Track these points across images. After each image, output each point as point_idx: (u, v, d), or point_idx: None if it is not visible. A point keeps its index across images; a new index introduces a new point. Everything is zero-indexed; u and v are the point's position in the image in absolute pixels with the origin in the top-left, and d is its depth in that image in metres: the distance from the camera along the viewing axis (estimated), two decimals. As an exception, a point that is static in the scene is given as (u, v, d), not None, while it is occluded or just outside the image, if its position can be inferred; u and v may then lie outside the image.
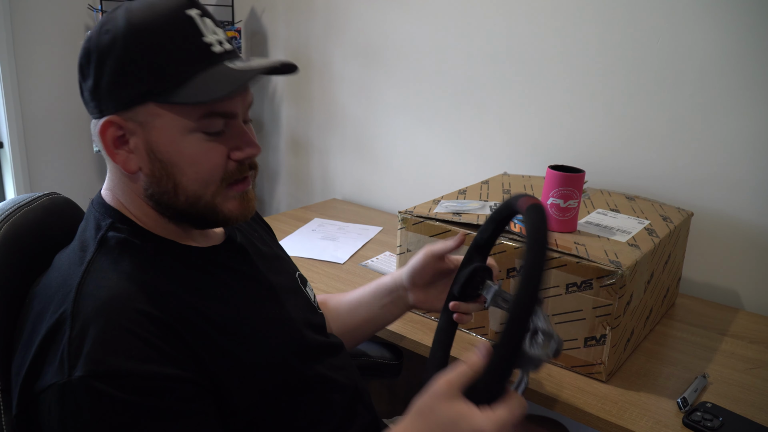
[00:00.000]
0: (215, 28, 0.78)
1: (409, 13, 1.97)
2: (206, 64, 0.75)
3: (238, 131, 0.79)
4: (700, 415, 1.02)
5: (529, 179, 1.61)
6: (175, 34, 0.74)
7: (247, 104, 0.81)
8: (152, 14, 0.74)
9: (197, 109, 0.75)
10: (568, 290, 1.12)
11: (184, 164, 0.76)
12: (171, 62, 0.73)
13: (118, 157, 0.78)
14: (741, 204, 1.47)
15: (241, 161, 0.80)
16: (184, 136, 0.76)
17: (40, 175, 2.54)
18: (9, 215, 0.88)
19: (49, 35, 2.46)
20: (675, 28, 1.49)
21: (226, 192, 0.80)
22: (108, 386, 0.65)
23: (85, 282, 0.72)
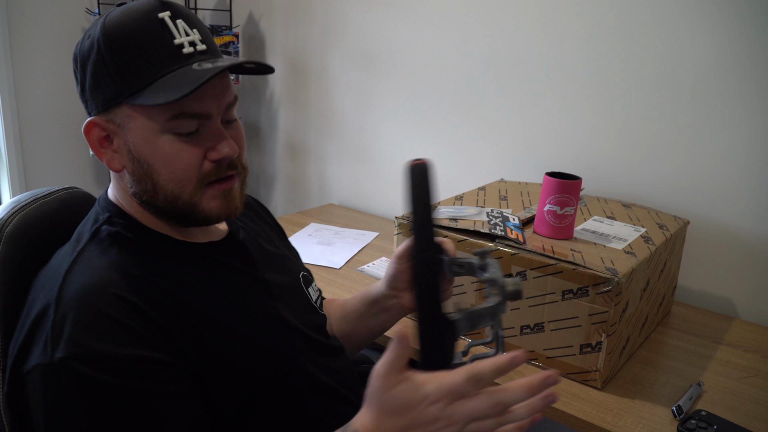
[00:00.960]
0: (189, 30, 0.79)
1: (407, 20, 1.97)
2: (175, 65, 0.76)
3: (214, 132, 0.80)
4: (694, 423, 1.02)
5: (526, 186, 1.61)
6: (144, 37, 0.76)
7: (224, 104, 0.81)
8: (125, 19, 0.76)
9: (165, 111, 0.76)
10: (564, 297, 1.12)
11: (158, 165, 0.78)
12: (140, 64, 0.75)
13: (104, 156, 0.81)
14: (737, 213, 1.48)
15: (218, 161, 0.80)
16: (157, 137, 0.77)
17: (36, 177, 2.54)
18: (24, 206, 0.92)
19: (46, 38, 2.46)
20: (672, 36, 1.49)
21: (204, 191, 0.81)
22: (87, 368, 0.67)
23: (72, 270, 0.76)
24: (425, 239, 0.67)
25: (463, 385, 0.62)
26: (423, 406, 0.62)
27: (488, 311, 0.70)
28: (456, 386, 0.62)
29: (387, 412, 0.64)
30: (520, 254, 1.16)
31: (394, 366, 0.64)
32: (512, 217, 1.31)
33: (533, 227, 1.27)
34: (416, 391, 0.63)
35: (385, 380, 0.64)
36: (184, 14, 0.79)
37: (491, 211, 1.34)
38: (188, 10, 0.81)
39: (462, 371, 0.63)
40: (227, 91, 0.81)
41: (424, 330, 0.66)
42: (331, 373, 0.92)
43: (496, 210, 1.35)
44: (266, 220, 1.10)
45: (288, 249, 1.07)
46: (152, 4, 0.78)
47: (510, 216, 1.31)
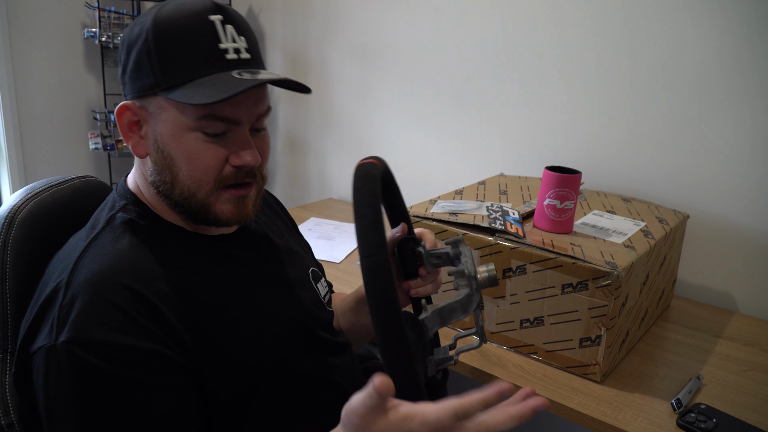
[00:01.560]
0: (237, 36, 0.80)
1: (407, 14, 1.97)
2: (216, 68, 0.77)
3: (240, 138, 0.80)
4: (694, 416, 1.02)
5: (526, 180, 1.61)
6: (191, 36, 0.77)
7: (256, 114, 0.81)
8: (177, 14, 0.78)
9: (197, 110, 0.77)
10: (563, 291, 1.12)
11: (181, 160, 0.79)
12: (182, 61, 0.77)
13: (131, 140, 0.83)
14: (737, 207, 1.48)
15: (239, 167, 0.81)
16: (185, 132, 0.78)
17: (37, 173, 2.54)
18: (38, 193, 0.95)
19: (46, 33, 2.46)
20: (672, 30, 1.49)
21: (220, 194, 0.81)
22: (86, 353, 0.69)
23: (84, 256, 0.77)
24: (368, 244, 0.64)
25: (449, 421, 0.60)
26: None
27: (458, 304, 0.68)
28: (441, 423, 0.60)
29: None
30: (519, 248, 1.16)
31: (375, 409, 0.61)
32: (512, 211, 1.31)
33: (533, 221, 1.27)
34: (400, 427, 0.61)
35: (363, 420, 0.62)
36: (236, 20, 0.80)
37: (491, 205, 1.34)
38: (241, 18, 0.82)
39: (448, 406, 0.60)
40: (261, 102, 0.82)
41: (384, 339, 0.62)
42: (334, 370, 0.92)
43: (496, 204, 1.35)
44: (279, 214, 1.10)
45: (299, 244, 1.08)
46: (206, 5, 0.78)
47: (510, 210, 1.31)
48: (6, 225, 0.90)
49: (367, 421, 0.62)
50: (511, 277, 1.18)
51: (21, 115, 2.45)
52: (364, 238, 0.64)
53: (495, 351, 1.23)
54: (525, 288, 1.17)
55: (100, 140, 2.55)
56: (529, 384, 1.12)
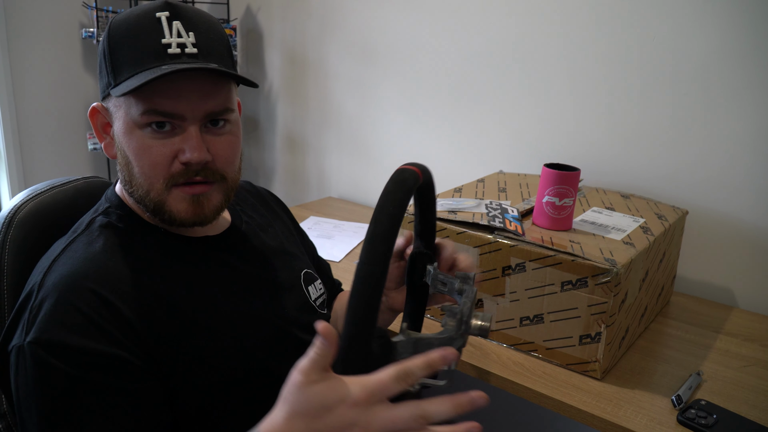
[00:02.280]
0: (185, 32, 0.80)
1: (406, 11, 1.97)
2: (157, 62, 0.78)
3: (186, 134, 0.80)
4: (694, 412, 1.02)
5: (525, 177, 1.61)
6: (137, 33, 0.79)
7: (203, 110, 0.80)
8: (129, 15, 0.81)
9: (138, 105, 0.78)
10: (563, 288, 1.12)
11: (132, 157, 0.81)
12: (128, 58, 0.79)
13: (103, 141, 0.86)
14: (736, 202, 1.48)
15: (185, 164, 0.80)
16: (134, 129, 0.80)
17: (35, 174, 2.54)
18: (39, 194, 0.97)
19: (43, 33, 2.45)
20: (670, 26, 1.49)
21: (172, 191, 0.81)
22: (48, 354, 0.71)
23: (59, 259, 0.80)
24: (372, 252, 0.62)
25: (390, 382, 0.58)
26: (342, 408, 0.58)
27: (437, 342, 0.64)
28: (382, 384, 0.58)
29: (300, 412, 0.59)
30: (519, 246, 1.16)
31: (317, 365, 0.59)
32: (511, 208, 1.31)
33: (532, 219, 1.27)
34: (336, 390, 0.58)
35: (304, 376, 0.59)
36: (186, 17, 0.80)
37: (490, 203, 1.34)
38: (197, 14, 0.82)
39: (389, 369, 0.59)
40: (209, 99, 0.80)
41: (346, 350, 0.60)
42: None
43: (495, 202, 1.35)
44: (278, 215, 1.09)
45: (295, 245, 1.07)
46: (156, 4, 0.81)
47: (509, 208, 1.31)
48: (5, 225, 0.92)
49: (308, 378, 0.59)
50: (511, 274, 1.18)
51: (19, 116, 2.45)
52: (370, 245, 0.62)
53: (495, 349, 1.23)
54: (524, 285, 1.17)
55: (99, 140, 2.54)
56: (530, 381, 1.12)
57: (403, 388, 0.59)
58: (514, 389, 1.13)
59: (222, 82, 0.82)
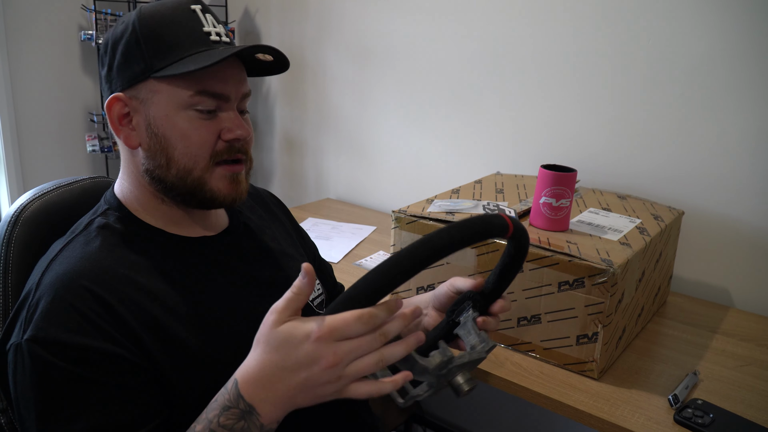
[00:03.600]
0: (216, 23, 0.86)
1: (403, 13, 1.97)
2: (203, 47, 0.83)
3: (230, 114, 0.85)
4: (691, 411, 1.03)
5: (522, 178, 1.62)
6: (177, 22, 0.83)
7: (242, 92, 0.87)
8: (159, 7, 0.84)
9: (190, 86, 0.81)
10: (560, 289, 1.13)
11: (176, 138, 0.83)
12: (171, 43, 0.82)
13: (122, 133, 0.86)
14: (731, 202, 1.49)
15: (230, 142, 0.85)
16: (178, 111, 0.82)
17: (34, 175, 2.54)
18: (46, 193, 0.98)
19: (42, 35, 2.46)
20: (664, 27, 1.50)
21: (215, 170, 0.85)
22: (45, 351, 0.73)
23: (56, 259, 0.81)
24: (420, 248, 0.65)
25: (353, 321, 0.63)
26: (307, 343, 0.64)
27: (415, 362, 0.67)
28: (345, 322, 0.63)
29: (269, 350, 0.66)
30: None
31: (291, 304, 0.66)
32: (508, 209, 1.31)
33: (529, 220, 1.28)
34: (302, 328, 0.64)
35: (276, 315, 0.66)
36: (211, 12, 0.88)
37: (487, 204, 1.35)
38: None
39: (352, 311, 0.63)
40: (245, 83, 0.88)
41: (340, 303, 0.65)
42: None
43: (493, 203, 1.36)
44: (278, 216, 1.10)
45: (294, 246, 1.07)
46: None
47: (506, 209, 1.32)
48: (11, 223, 0.94)
49: (279, 318, 0.66)
50: (508, 275, 1.18)
51: (18, 118, 2.45)
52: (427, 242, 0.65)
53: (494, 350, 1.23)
54: (522, 286, 1.17)
55: (98, 142, 2.55)
56: (527, 381, 1.12)
57: (365, 330, 0.63)
58: (512, 389, 1.13)
59: (243, 69, 0.88)
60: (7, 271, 0.92)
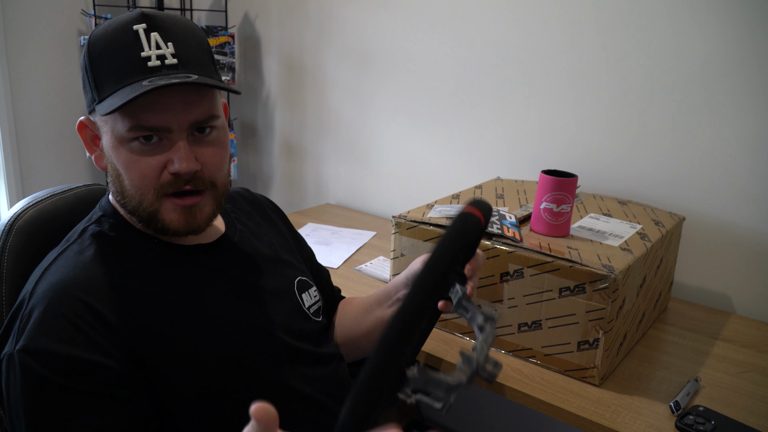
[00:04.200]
0: (164, 43, 0.80)
1: (403, 18, 1.97)
2: (138, 76, 0.78)
3: (172, 146, 0.81)
4: (692, 418, 1.02)
5: (522, 184, 1.62)
6: (116, 47, 0.79)
7: (188, 120, 0.80)
8: (106, 29, 0.81)
9: (124, 121, 0.79)
10: (561, 294, 1.12)
11: (122, 170, 0.82)
12: (108, 74, 0.79)
13: (94, 154, 0.87)
14: (733, 208, 1.48)
15: (176, 175, 0.81)
16: (122, 144, 0.81)
17: (33, 181, 2.53)
18: (40, 201, 0.98)
19: (42, 40, 2.46)
20: (666, 33, 1.50)
21: (163, 202, 0.82)
22: (35, 362, 0.72)
23: (50, 267, 0.81)
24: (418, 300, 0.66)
25: None
26: None
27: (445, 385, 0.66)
28: None
29: None
30: (516, 252, 1.16)
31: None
32: (509, 215, 1.31)
33: (530, 225, 1.27)
34: None
35: None
36: (164, 27, 0.80)
37: (488, 209, 1.34)
38: (174, 23, 0.82)
39: None
40: (194, 108, 0.81)
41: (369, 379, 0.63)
42: (310, 382, 0.91)
43: (493, 208, 1.35)
44: (274, 222, 1.09)
45: (291, 252, 1.07)
46: (132, 16, 0.80)
47: (507, 214, 1.31)
48: (5, 232, 0.93)
49: None
50: (509, 281, 1.18)
51: (18, 124, 2.45)
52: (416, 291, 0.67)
53: (493, 355, 1.22)
54: (522, 292, 1.17)
55: (97, 147, 2.54)
56: (528, 387, 1.12)
57: None
58: (513, 396, 1.13)
59: (205, 91, 0.82)
60: (1, 281, 0.91)
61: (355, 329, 1.10)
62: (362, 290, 1.51)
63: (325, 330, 1.05)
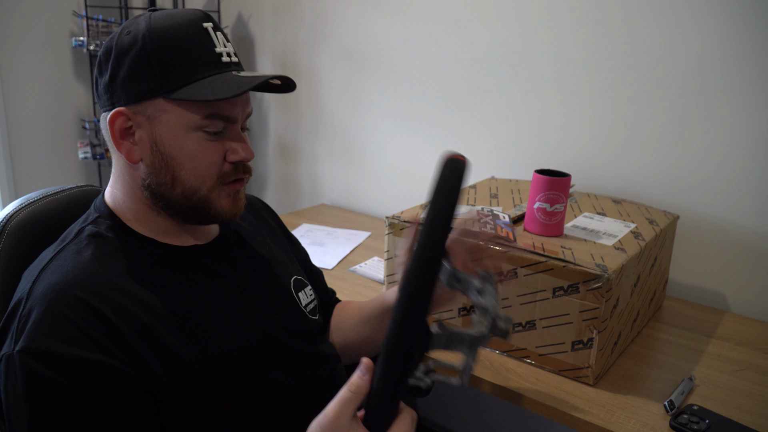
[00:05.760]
0: (226, 42, 0.86)
1: (397, 18, 1.97)
2: (215, 70, 0.82)
3: (236, 136, 0.86)
4: (686, 417, 1.02)
5: (517, 183, 1.61)
6: (189, 40, 0.82)
7: (246, 113, 0.87)
8: (172, 22, 0.82)
9: (201, 109, 0.81)
10: (555, 294, 1.12)
11: (183, 159, 0.83)
12: (183, 64, 0.81)
13: (123, 147, 0.84)
14: (727, 206, 1.48)
15: (236, 163, 0.86)
16: (187, 133, 0.82)
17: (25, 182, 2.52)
18: (32, 202, 0.97)
19: (33, 41, 2.45)
20: (660, 32, 1.50)
21: (220, 189, 0.86)
22: (37, 363, 0.72)
23: (47, 268, 0.80)
24: (435, 239, 0.61)
25: None
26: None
27: (468, 338, 0.65)
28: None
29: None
30: (510, 252, 1.16)
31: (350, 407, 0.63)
32: (503, 215, 1.31)
33: (524, 225, 1.27)
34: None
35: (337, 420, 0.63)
36: (222, 30, 0.86)
37: (482, 209, 1.34)
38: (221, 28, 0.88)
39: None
40: (248, 103, 0.88)
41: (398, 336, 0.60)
42: (307, 381, 0.92)
43: (487, 208, 1.35)
44: (268, 222, 1.10)
45: (285, 252, 1.07)
46: (198, 14, 0.84)
47: (500, 214, 1.31)
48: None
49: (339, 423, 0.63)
50: (503, 281, 1.18)
51: (9, 125, 2.44)
52: (431, 230, 0.61)
53: (487, 355, 1.22)
54: (516, 292, 1.17)
55: (90, 149, 2.54)
56: (522, 388, 1.12)
57: None
58: (507, 396, 1.12)
59: None
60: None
61: (353, 336, 1.09)
62: (357, 291, 1.51)
63: (321, 329, 1.05)
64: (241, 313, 0.89)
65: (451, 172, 0.66)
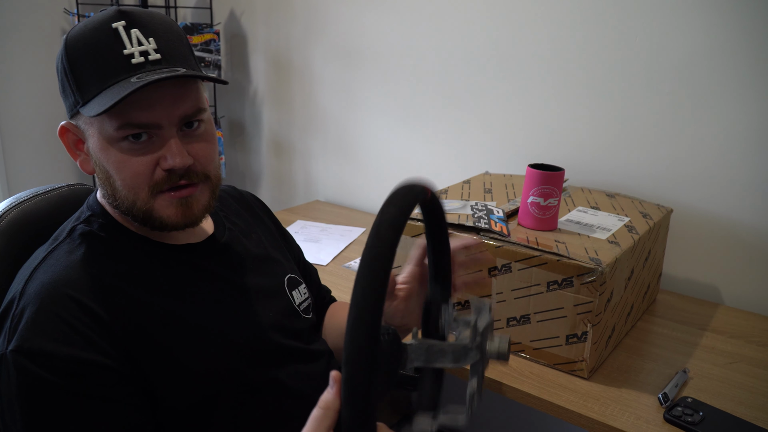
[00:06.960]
0: (145, 39, 0.78)
1: (389, 14, 1.97)
2: (123, 75, 0.77)
3: (164, 142, 0.80)
4: (680, 410, 1.02)
5: (510, 178, 1.61)
6: (98, 46, 0.77)
7: (177, 115, 0.80)
8: (83, 30, 0.79)
9: (112, 121, 0.77)
10: (549, 288, 1.12)
11: (112, 171, 0.80)
12: (93, 73, 0.77)
13: (78, 158, 0.85)
14: (720, 200, 1.49)
15: (169, 171, 0.80)
16: (111, 144, 0.79)
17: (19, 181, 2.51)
18: (22, 202, 0.97)
19: (25, 39, 2.43)
20: (652, 25, 1.50)
21: (157, 198, 0.81)
22: (30, 362, 0.71)
23: (40, 267, 0.79)
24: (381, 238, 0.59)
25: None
26: None
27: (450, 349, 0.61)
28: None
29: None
30: (504, 247, 1.16)
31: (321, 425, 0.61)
32: (496, 209, 1.31)
33: (518, 219, 1.27)
34: None
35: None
36: (143, 23, 0.79)
37: (476, 204, 1.34)
38: (152, 18, 0.80)
39: None
40: (182, 102, 0.80)
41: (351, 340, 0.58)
42: (303, 379, 0.92)
43: (481, 203, 1.35)
44: (262, 219, 1.09)
45: (279, 250, 1.06)
46: (109, 14, 0.79)
47: (494, 209, 1.31)
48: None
49: None
50: (497, 275, 1.18)
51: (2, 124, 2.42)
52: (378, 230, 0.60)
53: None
54: (511, 286, 1.17)
55: (83, 147, 2.52)
56: (517, 382, 1.12)
57: None
58: (502, 390, 1.13)
59: (190, 84, 0.81)
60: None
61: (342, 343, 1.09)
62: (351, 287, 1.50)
63: (315, 327, 1.05)
64: (236, 311, 0.88)
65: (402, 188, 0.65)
